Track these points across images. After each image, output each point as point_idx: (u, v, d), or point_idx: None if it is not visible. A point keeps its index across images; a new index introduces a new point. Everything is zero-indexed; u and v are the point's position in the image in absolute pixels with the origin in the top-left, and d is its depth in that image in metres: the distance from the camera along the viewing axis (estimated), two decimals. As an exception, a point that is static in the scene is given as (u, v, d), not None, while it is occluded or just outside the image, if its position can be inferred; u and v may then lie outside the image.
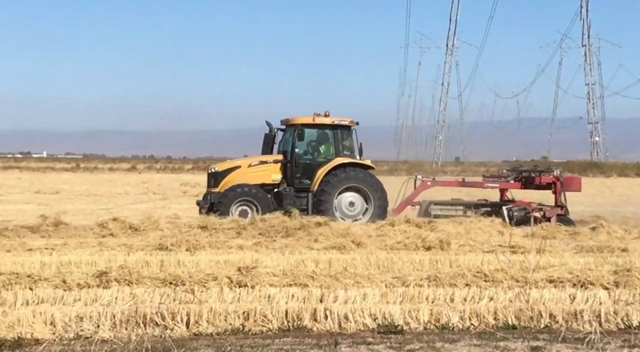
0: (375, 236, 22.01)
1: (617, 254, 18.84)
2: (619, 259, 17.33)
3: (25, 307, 13.01)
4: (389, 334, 12.91)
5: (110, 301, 13.45)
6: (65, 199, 44.04)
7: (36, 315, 12.62)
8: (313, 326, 13.21)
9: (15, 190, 55.00)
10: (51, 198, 45.71)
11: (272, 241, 21.29)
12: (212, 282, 14.54)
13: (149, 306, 13.22)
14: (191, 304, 13.43)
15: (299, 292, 14.27)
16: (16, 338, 11.95)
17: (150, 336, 11.97)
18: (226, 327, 12.97)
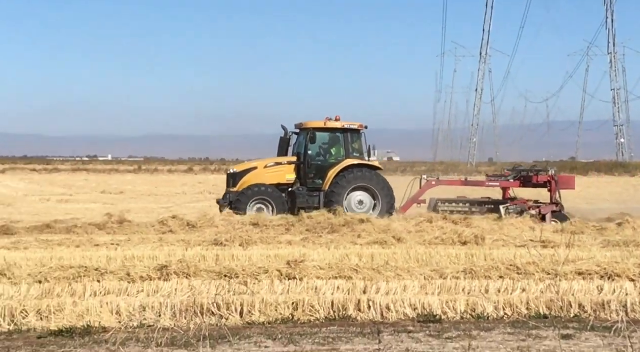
0: (414, 231, 21.93)
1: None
2: (643, 253, 17.14)
3: (94, 298, 13.10)
4: (428, 323, 12.87)
5: (171, 293, 13.50)
6: (129, 199, 44.28)
7: (103, 305, 12.72)
8: (357, 316, 13.20)
9: (83, 190, 55.44)
10: (116, 198, 45.99)
11: (318, 236, 21.28)
12: (263, 275, 14.55)
13: (205, 297, 13.26)
14: (244, 295, 13.45)
15: (344, 284, 14.25)
16: (86, 326, 12.05)
17: (207, 324, 12.00)
18: (277, 316, 13.00)
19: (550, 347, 11.00)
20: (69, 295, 13.18)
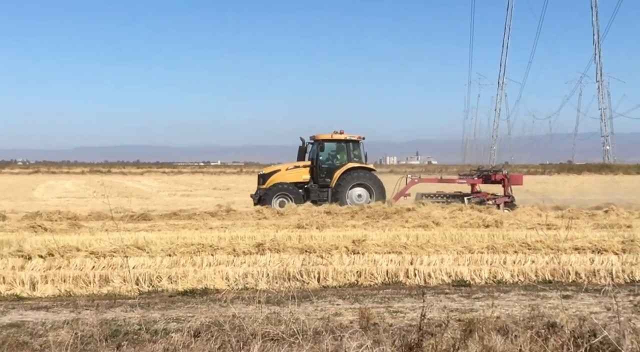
0: (449, 217, 21.78)
1: (624, 229, 18.28)
2: (625, 233, 16.79)
3: (208, 267, 13.22)
4: (460, 286, 12.82)
5: (265, 264, 13.58)
6: (233, 194, 44.55)
7: (216, 272, 12.86)
8: (406, 281, 13.19)
9: (200, 188, 56.09)
10: (224, 193, 46.40)
11: (375, 221, 21.24)
12: (334, 250, 14.56)
13: (292, 267, 13.33)
14: (321, 265, 13.49)
15: (396, 257, 14.22)
16: (203, 288, 12.22)
17: (293, 287, 12.07)
18: (345, 281, 13.03)
19: (554, 305, 10.87)
20: (190, 265, 13.33)
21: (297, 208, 25.02)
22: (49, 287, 12.09)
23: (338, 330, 8.38)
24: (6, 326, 9.47)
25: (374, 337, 7.63)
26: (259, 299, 10.45)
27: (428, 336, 7.75)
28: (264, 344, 7.43)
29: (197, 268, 13.07)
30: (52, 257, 13.26)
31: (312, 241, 16.30)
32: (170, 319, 9.79)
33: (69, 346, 7.47)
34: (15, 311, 10.54)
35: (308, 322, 8.63)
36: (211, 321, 8.74)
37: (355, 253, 14.48)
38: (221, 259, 13.77)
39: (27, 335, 8.83)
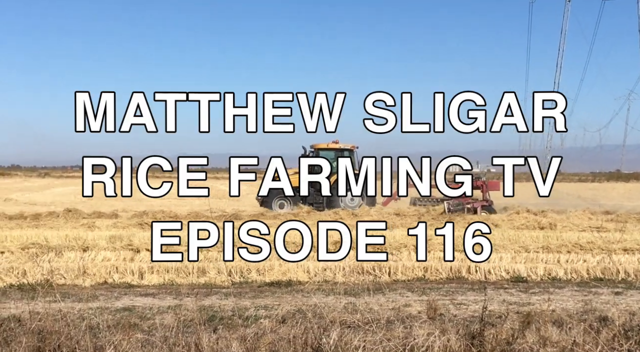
0: (507, 220, 21.44)
1: (670, 233, 17.74)
2: (671, 236, 16.30)
3: (292, 262, 13.30)
4: (517, 282, 12.61)
5: (342, 259, 13.59)
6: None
7: (298, 266, 12.92)
8: (468, 277, 13.04)
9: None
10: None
11: (440, 224, 21.05)
12: (403, 248, 14.49)
13: (366, 262, 13.27)
14: (391, 261, 13.44)
15: (459, 255, 14.01)
16: (287, 280, 12.29)
17: (367, 281, 12.09)
18: (413, 276, 12.96)
19: (605, 300, 10.60)
20: (276, 259, 13.43)
21: (369, 210, 24.97)
22: (155, 277, 12.38)
23: (408, 319, 8.36)
24: (120, 309, 9.74)
25: (440, 327, 7.58)
26: (337, 290, 10.53)
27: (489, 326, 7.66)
28: (342, 330, 7.45)
29: (282, 262, 13.14)
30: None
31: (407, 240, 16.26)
32: (259, 307, 9.90)
33: (173, 328, 7.64)
34: (127, 297, 10.83)
35: (381, 311, 8.64)
36: (295, 309, 8.84)
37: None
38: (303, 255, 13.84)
39: (137, 318, 9.07)
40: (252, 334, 7.51)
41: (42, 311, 7.86)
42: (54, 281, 11.57)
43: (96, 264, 12.68)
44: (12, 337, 7.18)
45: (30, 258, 12.95)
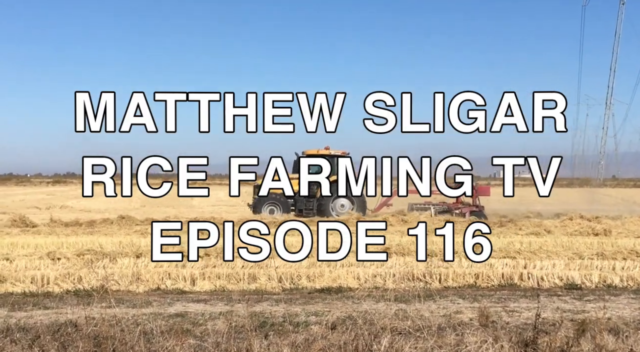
0: (559, 226, 21.09)
1: None
2: None
3: (342, 268, 13.22)
4: (571, 289, 12.38)
5: (392, 266, 13.53)
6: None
7: (348, 273, 12.92)
8: (520, 284, 12.85)
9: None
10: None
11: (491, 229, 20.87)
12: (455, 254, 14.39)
13: (416, 269, 13.24)
14: (442, 268, 13.34)
15: (510, 261, 13.91)
16: (338, 286, 12.28)
17: (418, 287, 12.01)
18: (464, 283, 12.83)
19: (663, 309, 10.35)
20: (326, 266, 13.43)
21: (419, 215, 24.80)
22: (206, 283, 12.50)
23: (459, 326, 8.28)
24: (172, 315, 9.87)
25: (492, 334, 7.49)
26: (388, 297, 10.47)
27: (543, 334, 7.55)
28: (392, 337, 7.42)
29: (332, 269, 13.16)
30: (208, 257, 13.72)
31: (433, 246, 16.15)
32: (309, 313, 9.92)
33: (225, 334, 7.71)
34: (179, 303, 10.96)
35: (432, 318, 8.58)
36: (345, 316, 8.83)
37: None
38: (353, 261, 13.81)
39: (189, 324, 9.17)
40: (302, 340, 7.53)
41: (97, 316, 8.02)
42: (108, 287, 11.77)
43: (149, 270, 12.87)
44: (69, 342, 7.34)
45: (85, 264, 13.21)
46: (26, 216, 22.96)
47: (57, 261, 13.56)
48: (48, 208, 34.08)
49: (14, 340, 7.47)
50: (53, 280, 12.35)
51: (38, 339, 7.46)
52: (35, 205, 36.21)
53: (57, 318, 9.22)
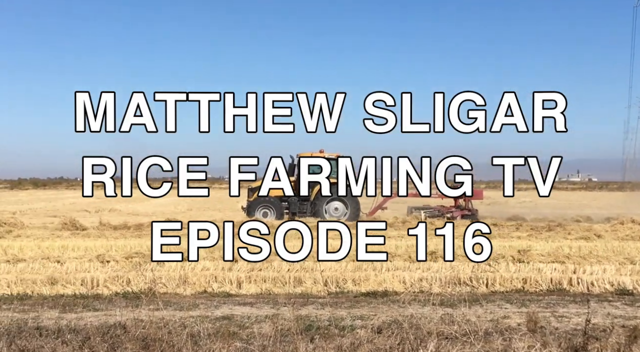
0: (610, 230, 20.72)
1: None
2: None
3: (387, 272, 13.25)
4: (622, 295, 12.12)
5: (438, 270, 13.44)
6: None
7: (394, 276, 12.88)
8: (570, 289, 12.63)
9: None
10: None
11: (539, 233, 20.58)
12: (501, 259, 14.25)
13: (462, 273, 13.12)
14: (489, 272, 13.20)
15: (559, 266, 13.69)
16: (383, 290, 12.24)
17: (464, 292, 11.91)
18: (511, 287, 12.66)
19: None
20: (371, 269, 13.43)
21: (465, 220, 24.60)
22: (252, 286, 12.57)
23: (507, 331, 8.18)
24: (219, 318, 9.95)
25: (541, 339, 7.39)
26: (434, 301, 10.39)
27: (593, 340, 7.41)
28: (439, 342, 7.37)
29: (377, 272, 13.15)
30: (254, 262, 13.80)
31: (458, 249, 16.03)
32: (355, 317, 9.90)
33: (271, 337, 7.75)
34: (225, 306, 11.05)
35: (479, 323, 8.48)
36: (391, 320, 8.79)
37: (521, 262, 14.11)
38: (398, 265, 13.80)
39: (236, 326, 9.24)
40: (348, 344, 7.52)
41: (145, 318, 8.13)
42: (156, 290, 11.94)
43: (196, 274, 13.00)
44: (118, 344, 7.46)
45: (133, 267, 13.41)
46: (76, 219, 23.44)
47: (106, 263, 13.80)
48: (97, 211, 34.69)
49: (65, 341, 7.61)
50: (102, 282, 12.56)
51: (88, 340, 7.60)
52: (84, 208, 36.89)
53: (106, 320, 9.37)
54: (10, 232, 20.52)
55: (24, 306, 10.81)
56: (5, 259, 14.46)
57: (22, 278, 12.72)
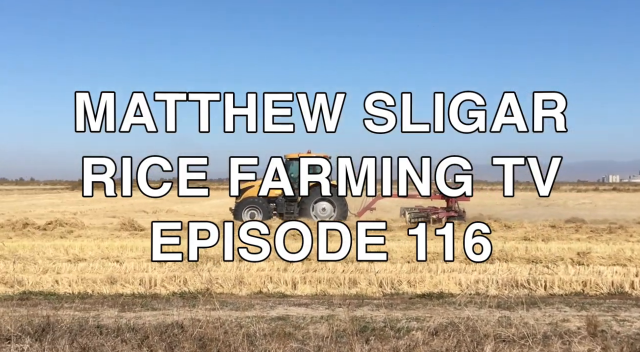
0: (674, 232, 20.23)
1: None
2: None
3: (443, 273, 13.15)
4: (687, 299, 11.79)
5: (495, 272, 13.30)
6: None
7: (450, 278, 12.77)
8: (632, 292, 12.33)
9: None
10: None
11: (599, 235, 20.18)
12: (559, 261, 14.04)
13: (519, 275, 12.94)
14: (547, 275, 12.99)
15: (620, 269, 13.40)
16: (439, 292, 12.15)
17: (521, 294, 11.73)
18: (571, 290, 12.43)
19: None
20: (426, 271, 13.35)
21: (523, 222, 24.24)
22: (307, 287, 12.62)
23: (566, 335, 8.03)
24: (275, 318, 10.01)
25: (602, 344, 7.24)
26: (490, 303, 10.28)
27: (657, 345, 7.23)
28: (496, 344, 7.28)
29: (433, 274, 13.06)
30: (308, 261, 13.86)
31: (538, 252, 15.79)
32: (410, 319, 9.85)
33: (326, 338, 7.77)
34: (281, 306, 11.11)
35: (537, 326, 8.36)
36: (447, 322, 8.72)
37: (580, 264, 13.87)
38: (454, 267, 13.69)
39: (291, 327, 9.28)
40: (404, 346, 7.49)
41: (202, 318, 8.24)
42: (212, 290, 12.09)
43: (251, 274, 13.12)
44: (175, 343, 7.57)
45: (190, 268, 13.60)
46: (134, 220, 23.90)
47: (163, 263, 14.02)
48: (155, 212, 35.28)
49: (124, 340, 7.76)
50: (160, 282, 12.78)
51: (147, 339, 7.74)
52: (142, 209, 37.55)
53: (164, 319, 9.52)
54: (72, 233, 21.07)
55: (85, 305, 11.06)
56: (66, 258, 14.85)
57: (83, 277, 13.03)
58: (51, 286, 12.72)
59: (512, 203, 45.99)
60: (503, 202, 46.83)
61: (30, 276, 13.14)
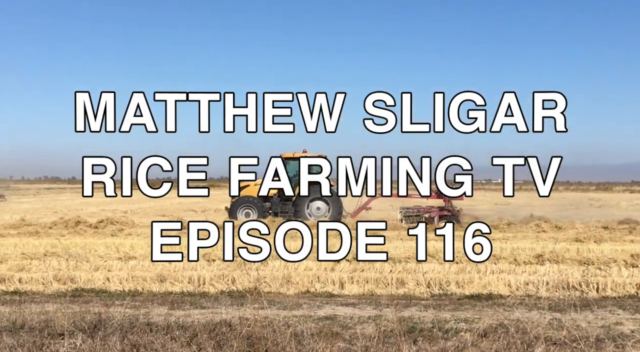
0: None
1: None
2: None
3: (492, 274, 13.02)
4: None
5: (545, 273, 13.11)
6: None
7: (499, 280, 12.63)
8: (688, 295, 12.04)
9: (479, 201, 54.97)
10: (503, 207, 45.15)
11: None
12: (612, 263, 13.74)
13: (571, 277, 12.72)
14: (599, 277, 12.75)
15: (677, 271, 13.08)
16: (488, 293, 12.03)
17: (573, 296, 11.54)
18: (624, 293, 12.18)
19: None
20: (475, 272, 13.23)
21: (574, 222, 23.82)
22: (355, 287, 12.62)
23: (619, 338, 7.88)
24: (322, 317, 10.04)
25: (657, 348, 7.08)
26: (541, 305, 10.15)
27: None
28: (547, 347, 7.18)
29: (482, 275, 12.93)
30: (355, 261, 13.85)
31: (590, 253, 15.52)
32: (459, 320, 9.77)
33: (374, 338, 7.76)
34: (328, 306, 11.13)
35: (589, 329, 8.22)
36: (497, 323, 8.63)
37: (634, 266, 13.57)
38: (503, 268, 13.54)
39: (338, 327, 9.29)
40: (452, 347, 7.44)
41: (250, 317, 8.31)
42: (260, 289, 12.17)
43: (299, 273, 13.17)
44: (224, 341, 7.65)
45: (238, 266, 13.72)
46: (183, 219, 24.20)
47: (212, 262, 14.17)
48: (203, 211, 35.64)
49: (173, 337, 7.87)
50: (208, 280, 12.92)
51: (195, 337, 7.83)
52: (191, 208, 37.98)
53: (213, 317, 9.62)
54: (122, 231, 21.46)
55: (135, 302, 11.24)
56: (117, 256, 15.11)
57: (133, 275, 13.26)
58: (102, 283, 12.98)
59: (562, 204, 45.21)
60: (553, 202, 46.08)
61: (82, 274, 13.43)
